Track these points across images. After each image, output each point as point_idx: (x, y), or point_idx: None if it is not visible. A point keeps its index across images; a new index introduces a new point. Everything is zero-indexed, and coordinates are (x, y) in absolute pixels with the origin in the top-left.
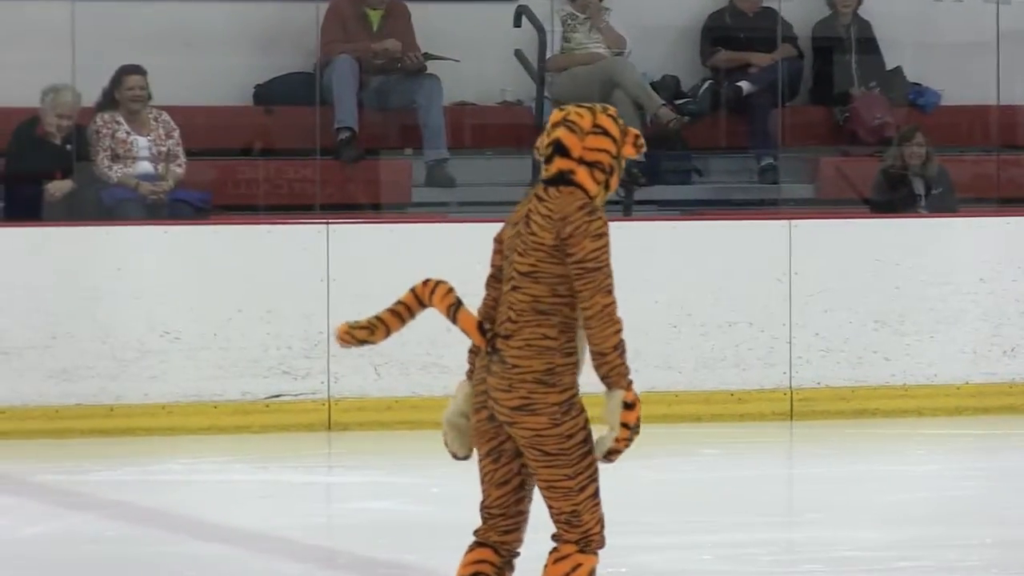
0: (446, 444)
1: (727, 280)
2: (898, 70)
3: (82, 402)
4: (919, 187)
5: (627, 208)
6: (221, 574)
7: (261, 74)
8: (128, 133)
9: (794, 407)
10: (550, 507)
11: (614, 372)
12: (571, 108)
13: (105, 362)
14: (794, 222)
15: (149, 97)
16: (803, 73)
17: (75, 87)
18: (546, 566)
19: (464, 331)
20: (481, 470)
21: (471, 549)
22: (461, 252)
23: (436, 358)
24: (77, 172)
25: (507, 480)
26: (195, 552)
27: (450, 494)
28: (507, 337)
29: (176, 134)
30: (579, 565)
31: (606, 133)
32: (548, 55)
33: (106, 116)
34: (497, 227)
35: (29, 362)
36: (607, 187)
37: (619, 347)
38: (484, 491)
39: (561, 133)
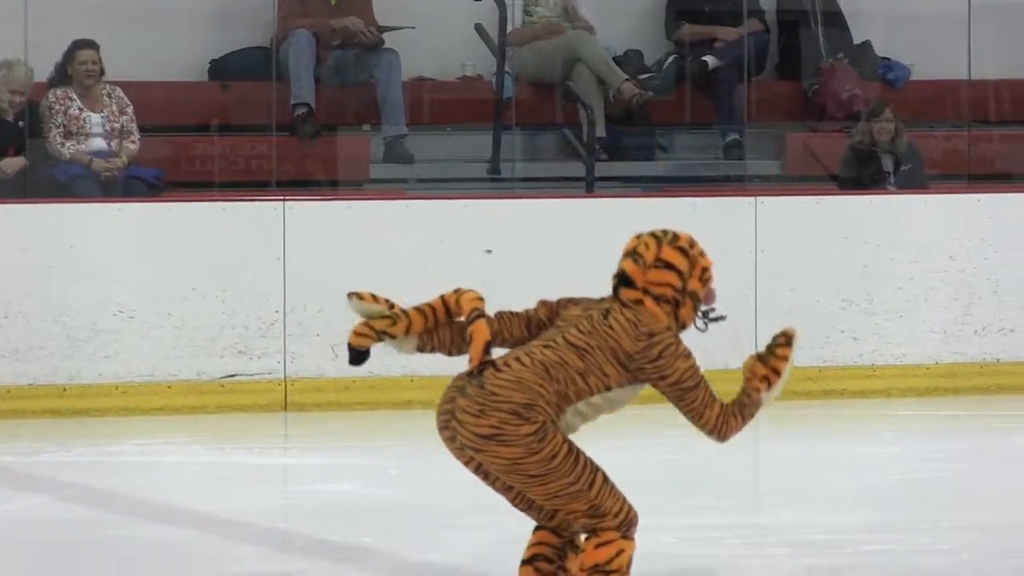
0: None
1: None
2: (867, 44)
3: (35, 382)
4: (888, 163)
5: (590, 184)
6: (176, 557)
7: (217, 49)
8: (81, 109)
9: None
10: (567, 514)
11: (753, 415)
12: (644, 237)
13: (58, 341)
14: (760, 199)
15: (102, 72)
16: (769, 48)
17: (27, 62)
18: (584, 550)
19: (471, 338)
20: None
21: (533, 531)
22: (420, 229)
23: None
24: (29, 149)
25: (508, 486)
26: (150, 535)
27: (408, 476)
28: (500, 371)
29: (130, 110)
30: (621, 551)
31: (669, 266)
32: (509, 29)
33: (59, 92)
34: (457, 204)
35: None
36: (677, 319)
37: (744, 420)
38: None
39: (627, 265)
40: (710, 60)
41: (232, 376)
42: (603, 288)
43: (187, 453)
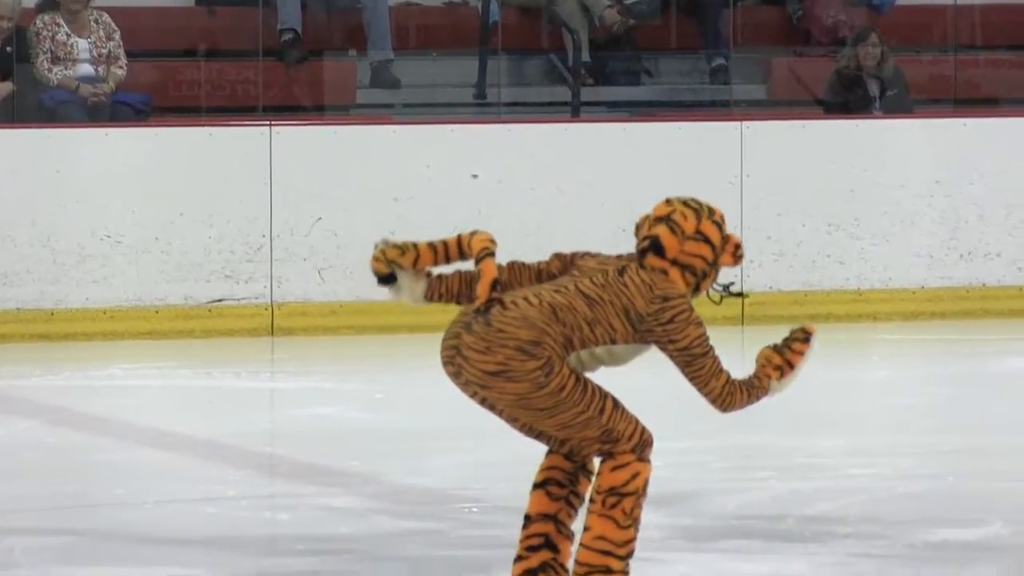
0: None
1: (677, 182)
2: None
3: (22, 307)
4: (874, 88)
5: (575, 109)
6: (161, 480)
7: None
8: (68, 35)
9: (746, 311)
10: (580, 443)
11: (759, 397)
12: (678, 205)
13: (45, 266)
14: (746, 123)
15: None
16: None
17: None
18: (599, 473)
19: (479, 275)
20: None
21: (545, 456)
22: (406, 154)
23: None
24: (17, 74)
25: (515, 417)
26: (136, 458)
27: (394, 400)
28: (507, 309)
29: (117, 36)
30: (637, 474)
31: (707, 240)
32: None
33: (46, 18)
34: (443, 129)
35: None
36: (696, 290)
37: (749, 397)
38: None
39: (662, 232)
40: None
41: (219, 301)
42: (584, 211)
43: (174, 377)
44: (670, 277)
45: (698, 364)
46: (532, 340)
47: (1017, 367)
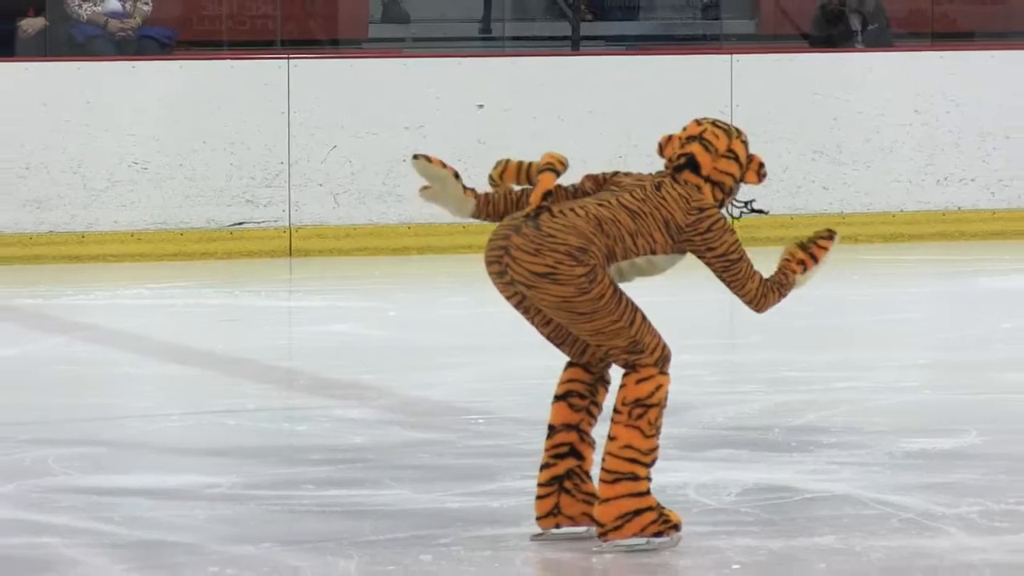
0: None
1: (671, 112)
2: None
3: (55, 230)
4: (856, 22)
5: (575, 43)
6: (185, 394)
7: None
8: None
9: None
10: (607, 351)
11: (786, 294)
12: (708, 125)
13: (76, 191)
14: (736, 56)
15: None
16: None
17: None
18: (624, 385)
19: (535, 185)
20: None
21: (564, 369)
22: (416, 86)
23: (392, 187)
24: (49, 10)
25: (547, 321)
26: (162, 372)
27: (405, 317)
28: (555, 217)
29: None
30: (660, 386)
31: (736, 159)
32: None
33: None
34: (451, 62)
35: (4, 191)
36: (721, 205)
37: (780, 295)
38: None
39: (696, 149)
40: None
41: (240, 224)
42: (584, 138)
43: (198, 296)
44: (703, 193)
45: (735, 269)
46: (580, 247)
47: (990, 286)
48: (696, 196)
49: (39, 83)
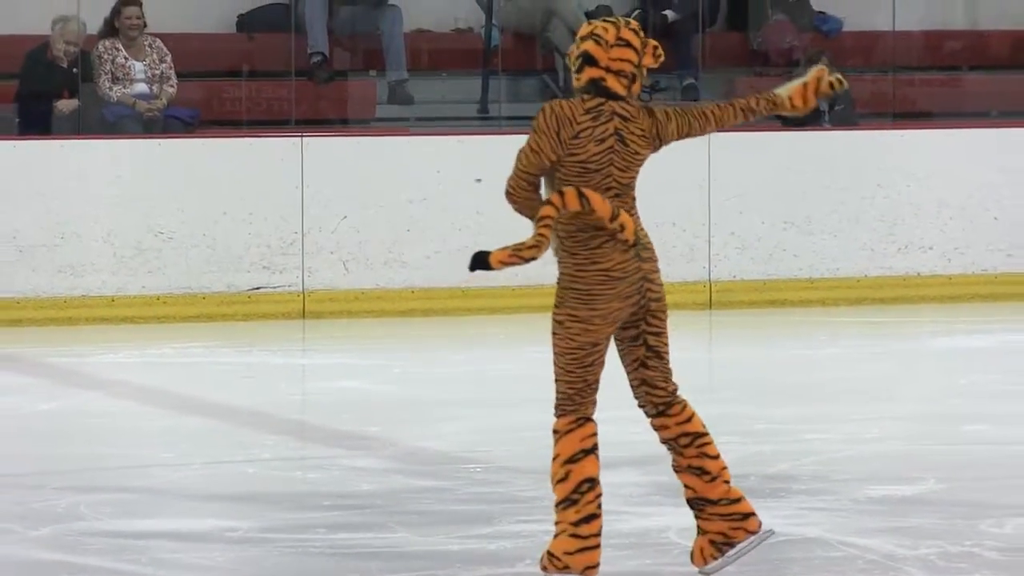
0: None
1: (654, 187)
2: (804, 0)
3: (87, 294)
4: (823, 104)
5: None
6: (207, 444)
7: (243, 4)
8: (126, 58)
9: (713, 298)
10: (661, 371)
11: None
12: (597, 23)
13: (107, 259)
14: (712, 134)
15: (145, 26)
16: (721, 3)
17: (80, 17)
18: (689, 419)
19: (624, 225)
20: (585, 357)
21: (581, 425)
22: (419, 161)
23: (397, 255)
24: (82, 92)
25: (604, 360)
26: (185, 425)
27: (409, 375)
28: (639, 239)
29: (168, 58)
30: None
31: (628, 44)
32: None
33: (107, 43)
34: (451, 140)
35: (41, 259)
36: (629, 92)
37: (748, 112)
38: (585, 374)
39: (589, 45)
40: (669, 14)
41: (257, 288)
42: None
43: (218, 355)
44: (608, 84)
45: (690, 113)
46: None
47: (948, 346)
48: (644, 121)
49: (73, 159)
